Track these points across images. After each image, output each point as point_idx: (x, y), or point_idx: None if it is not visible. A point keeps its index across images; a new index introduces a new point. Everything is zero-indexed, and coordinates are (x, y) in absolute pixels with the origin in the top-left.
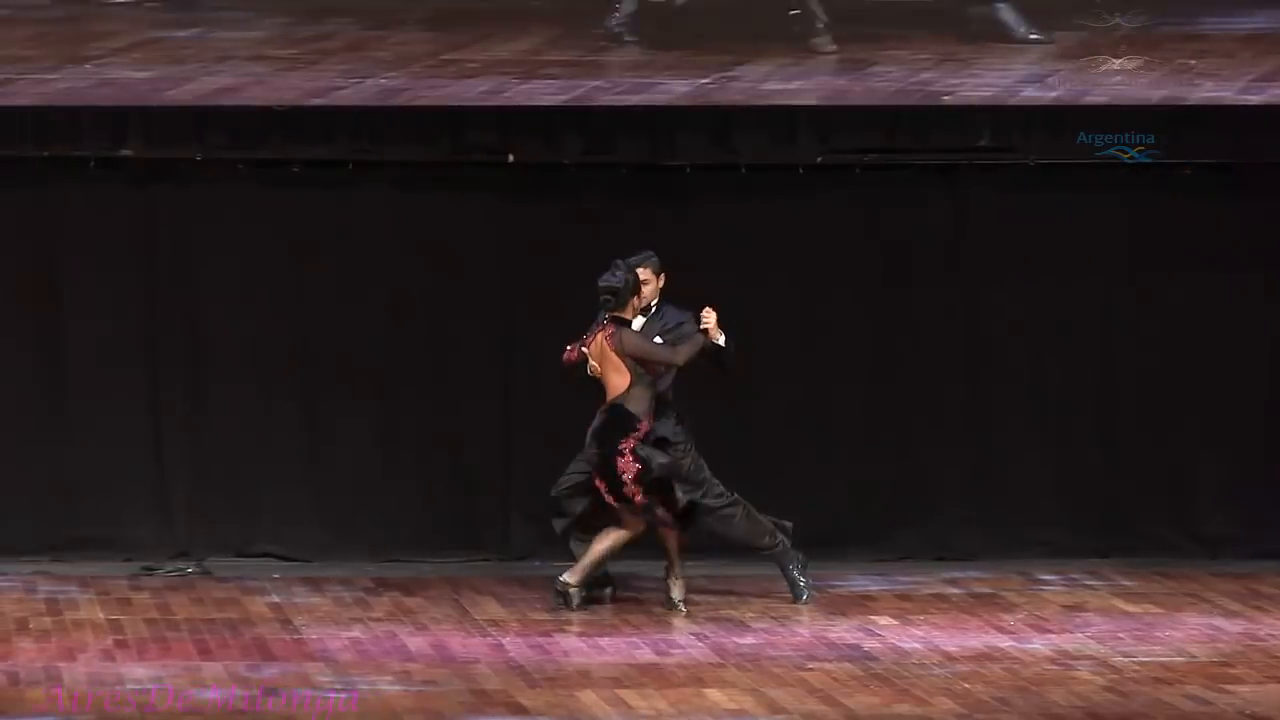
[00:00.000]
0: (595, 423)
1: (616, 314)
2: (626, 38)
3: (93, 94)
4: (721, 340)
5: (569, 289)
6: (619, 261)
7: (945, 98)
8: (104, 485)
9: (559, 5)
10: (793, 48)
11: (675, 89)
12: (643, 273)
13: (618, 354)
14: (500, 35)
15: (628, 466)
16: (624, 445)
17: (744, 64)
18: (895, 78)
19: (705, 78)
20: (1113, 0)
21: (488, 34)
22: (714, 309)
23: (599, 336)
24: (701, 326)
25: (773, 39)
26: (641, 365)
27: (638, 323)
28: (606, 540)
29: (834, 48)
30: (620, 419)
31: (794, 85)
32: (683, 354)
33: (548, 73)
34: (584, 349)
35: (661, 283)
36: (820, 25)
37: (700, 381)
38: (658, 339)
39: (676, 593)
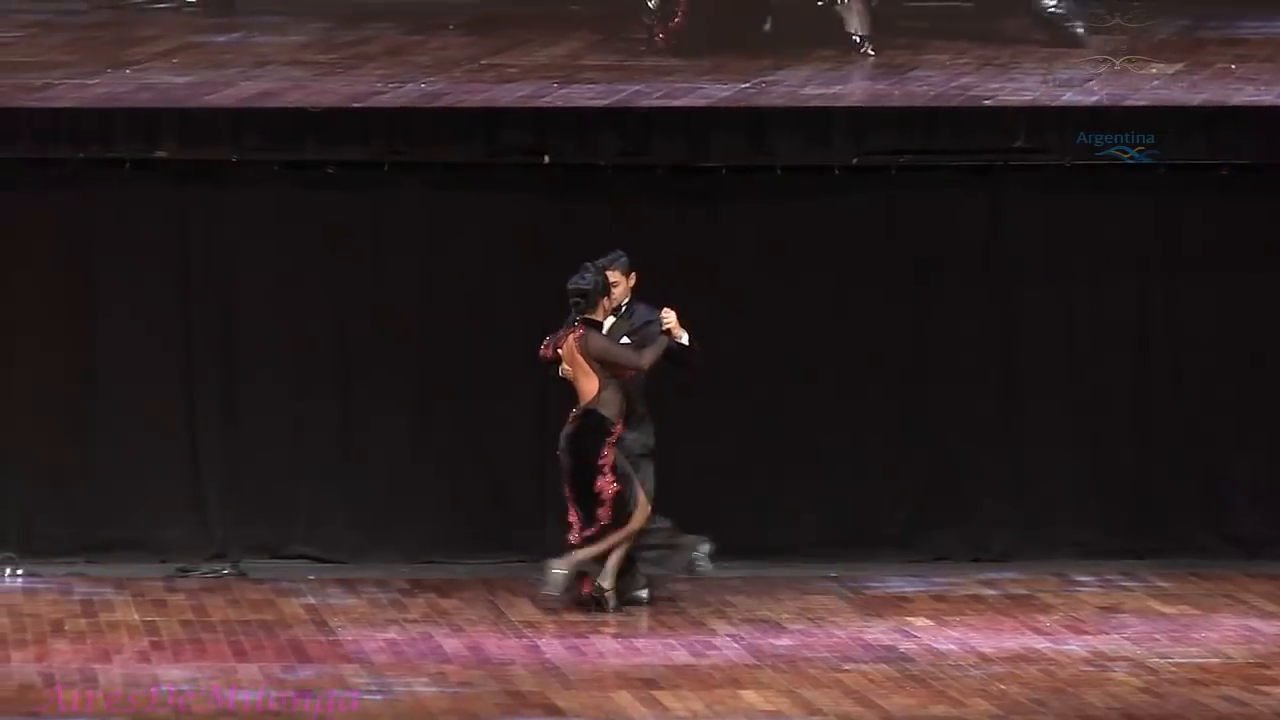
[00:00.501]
0: (568, 429)
1: (587, 316)
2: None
3: (132, 98)
4: (684, 339)
5: None
6: (588, 264)
7: (986, 101)
8: (139, 487)
9: (598, 10)
10: (832, 52)
11: (715, 93)
12: (612, 274)
13: (584, 357)
14: (540, 40)
15: (606, 486)
16: (603, 461)
17: (783, 69)
18: (935, 82)
19: (745, 82)
20: (1150, 6)
21: (527, 39)
22: (673, 308)
23: (569, 339)
24: (664, 327)
25: (812, 44)
26: (608, 368)
27: (608, 322)
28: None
29: (871, 54)
30: (594, 425)
31: (833, 90)
32: (648, 357)
33: (587, 77)
34: (558, 349)
35: (632, 283)
36: (859, 32)
37: (734, 381)
38: (625, 339)
39: (607, 580)
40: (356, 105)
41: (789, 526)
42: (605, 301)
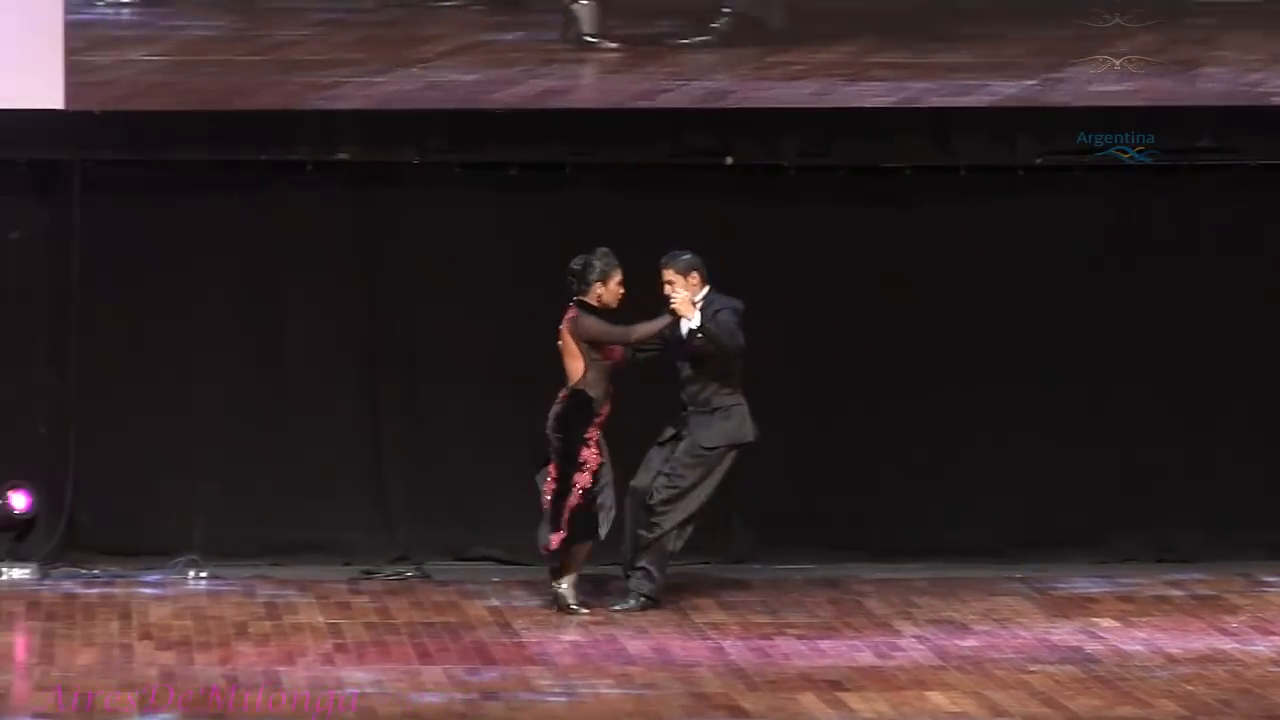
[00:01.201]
0: (556, 408)
1: (581, 299)
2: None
3: (420, 96)
4: (694, 322)
5: (785, 289)
6: (596, 250)
7: (1274, 99)
8: (323, 489)
9: (886, 6)
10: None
11: (1003, 90)
12: (667, 273)
13: (574, 338)
14: (826, 37)
15: (591, 457)
16: (589, 434)
17: (1070, 65)
18: (1224, 79)
19: (1032, 79)
20: None
21: (814, 36)
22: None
23: (564, 320)
24: (672, 305)
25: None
26: (598, 350)
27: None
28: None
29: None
30: (581, 404)
31: (1121, 87)
32: (637, 332)
33: (876, 75)
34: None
35: (693, 282)
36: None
37: (920, 382)
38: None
39: (572, 595)
40: (643, 104)
41: (975, 527)
42: (600, 289)
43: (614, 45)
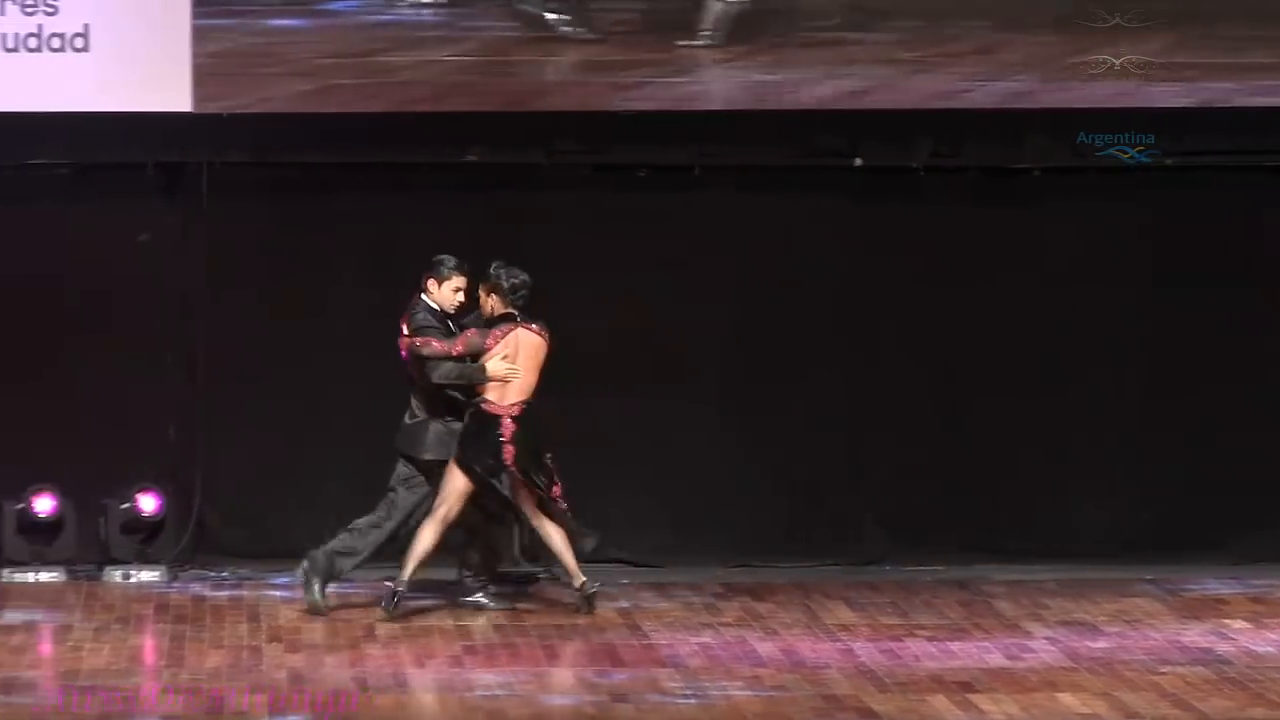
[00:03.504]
0: (526, 428)
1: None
2: None
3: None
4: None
5: (914, 291)
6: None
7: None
8: None
9: (1189, 6)
10: None
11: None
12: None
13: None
14: (1129, 36)
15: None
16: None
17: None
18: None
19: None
20: None
21: (1115, 35)
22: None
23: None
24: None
25: None
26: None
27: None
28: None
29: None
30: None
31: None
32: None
33: (1183, 75)
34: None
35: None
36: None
37: (1049, 382)
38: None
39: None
40: (941, 104)
41: (1105, 528)
42: (490, 302)
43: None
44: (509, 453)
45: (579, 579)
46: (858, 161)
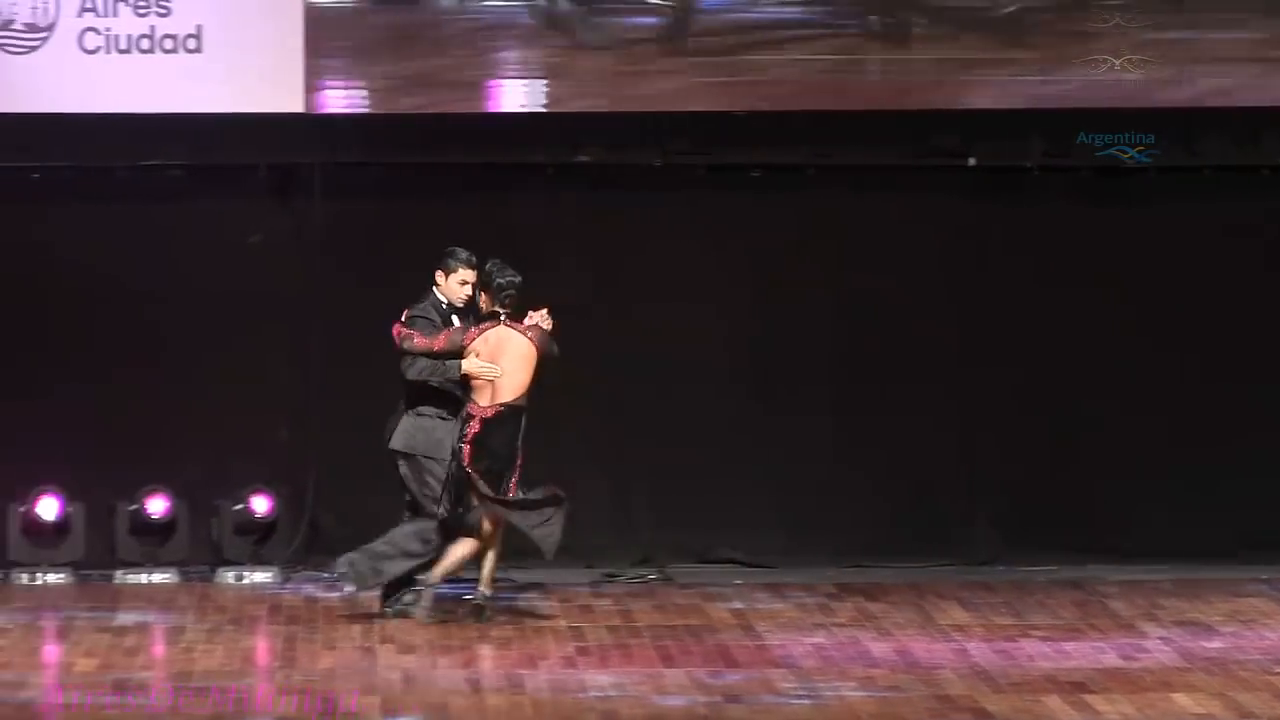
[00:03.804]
0: (511, 427)
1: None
2: None
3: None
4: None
5: (1028, 290)
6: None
7: None
8: (566, 492)
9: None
10: None
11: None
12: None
13: (539, 354)
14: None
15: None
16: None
17: None
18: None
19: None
20: None
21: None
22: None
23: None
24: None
25: None
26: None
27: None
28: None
29: None
30: (519, 416)
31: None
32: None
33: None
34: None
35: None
36: None
37: (1158, 382)
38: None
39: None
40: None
41: (1218, 528)
42: (482, 297)
43: None
44: (465, 452)
45: (482, 590)
46: (971, 161)
